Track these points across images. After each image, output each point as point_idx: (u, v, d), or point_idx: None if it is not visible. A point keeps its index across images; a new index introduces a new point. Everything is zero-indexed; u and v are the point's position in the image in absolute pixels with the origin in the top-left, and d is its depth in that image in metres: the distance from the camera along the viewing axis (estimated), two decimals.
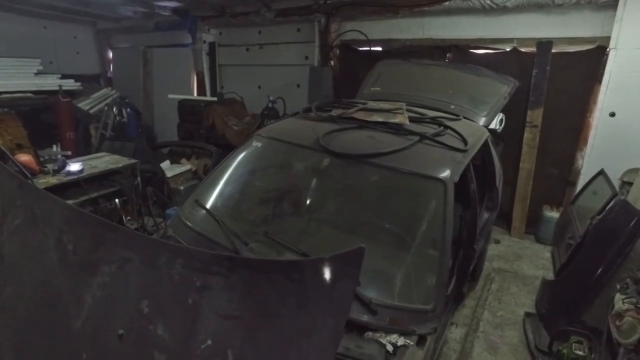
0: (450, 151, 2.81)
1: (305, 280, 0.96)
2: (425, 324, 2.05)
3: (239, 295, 0.97)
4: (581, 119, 4.94)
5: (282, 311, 0.97)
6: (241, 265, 0.98)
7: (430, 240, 2.31)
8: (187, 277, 0.98)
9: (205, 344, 0.96)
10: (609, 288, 3.40)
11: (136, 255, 1.06)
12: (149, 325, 1.01)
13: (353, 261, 0.95)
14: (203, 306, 0.98)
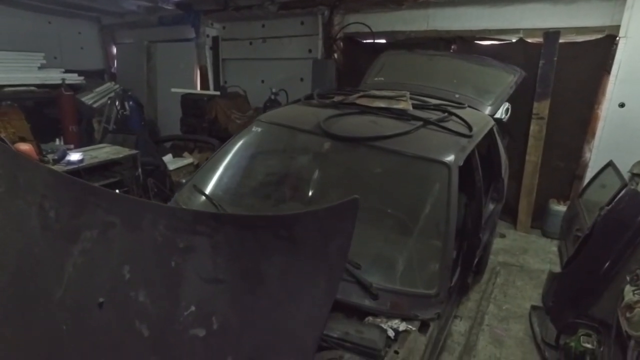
0: (454, 136, 2.73)
1: (295, 237, 0.90)
2: (428, 309, 1.98)
3: (224, 257, 0.90)
4: (589, 110, 4.83)
5: (270, 272, 0.90)
6: (227, 222, 0.92)
7: (434, 224, 2.24)
8: (170, 238, 0.92)
9: (189, 311, 0.90)
10: (618, 280, 3.30)
11: (118, 218, 1.00)
12: (130, 292, 0.95)
13: (346, 214, 0.89)
14: (186, 270, 0.92)
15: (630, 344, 2.95)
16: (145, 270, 0.96)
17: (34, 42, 7.84)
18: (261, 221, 0.96)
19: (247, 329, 0.90)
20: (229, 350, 0.90)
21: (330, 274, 0.90)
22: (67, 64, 8.26)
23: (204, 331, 0.90)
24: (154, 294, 0.94)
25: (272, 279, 0.90)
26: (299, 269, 0.91)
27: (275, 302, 0.90)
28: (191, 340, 0.91)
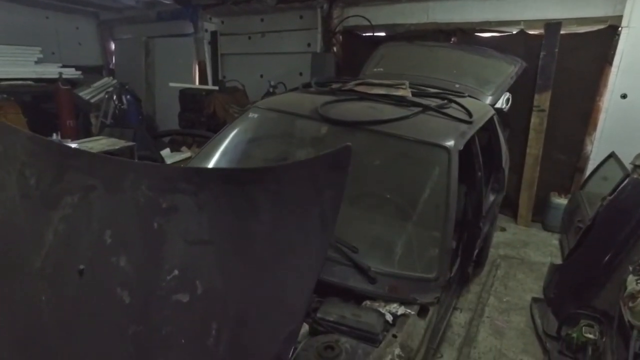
0: (454, 122, 2.69)
1: (285, 191, 0.85)
2: (428, 294, 1.92)
3: (209, 216, 0.85)
4: (591, 102, 4.78)
5: (258, 230, 0.85)
6: (212, 178, 0.87)
7: (433, 208, 2.19)
8: (152, 199, 0.87)
9: (172, 275, 0.85)
10: (620, 271, 3.25)
11: (100, 181, 0.95)
12: (112, 257, 0.90)
13: (339, 163, 0.83)
14: (170, 231, 0.86)
15: (633, 334, 2.90)
16: (127, 234, 0.91)
17: (32, 37, 7.79)
18: (249, 175, 0.91)
19: (233, 293, 0.85)
20: (214, 316, 0.85)
21: (322, 229, 0.85)
22: (65, 60, 8.21)
23: (187, 296, 0.85)
24: (136, 258, 0.89)
25: (260, 237, 0.85)
26: (289, 225, 0.86)
27: (263, 263, 0.85)
28: (174, 306, 0.85)
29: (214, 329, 0.83)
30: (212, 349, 0.84)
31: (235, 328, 0.85)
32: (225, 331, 0.84)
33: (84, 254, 0.96)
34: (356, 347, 1.67)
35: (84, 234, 0.97)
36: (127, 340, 0.88)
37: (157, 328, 0.86)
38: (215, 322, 0.84)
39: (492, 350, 3.16)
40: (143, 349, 0.87)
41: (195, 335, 0.84)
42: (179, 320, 0.86)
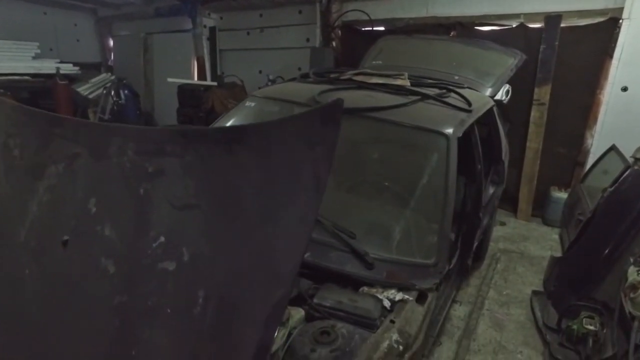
0: (453, 110, 2.65)
1: (273, 149, 0.81)
2: (427, 280, 1.89)
3: (196, 179, 0.82)
4: (591, 95, 4.75)
5: (245, 191, 0.81)
6: (198, 139, 0.83)
7: (432, 195, 2.16)
8: (138, 163, 0.84)
9: (158, 242, 0.81)
10: (621, 262, 3.21)
11: (85, 148, 0.91)
12: (96, 226, 0.87)
13: (330, 119, 0.80)
14: (156, 197, 0.83)
15: (634, 325, 2.87)
16: (112, 201, 0.88)
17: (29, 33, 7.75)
18: (236, 134, 0.87)
19: (220, 259, 0.82)
20: (200, 284, 0.81)
21: (313, 188, 0.81)
22: (63, 56, 8.17)
23: (174, 264, 0.81)
24: (121, 226, 0.86)
25: (248, 199, 0.82)
26: (278, 185, 0.83)
27: (251, 225, 0.82)
28: (160, 274, 0.82)
29: (200, 297, 0.80)
30: (198, 318, 0.80)
31: (222, 295, 0.82)
32: (212, 299, 0.81)
33: (68, 224, 0.92)
34: (353, 332, 1.63)
35: (68, 204, 0.94)
36: (111, 312, 0.85)
37: (143, 298, 0.83)
38: (202, 290, 0.80)
39: (491, 343, 3.13)
40: (128, 320, 0.84)
41: (181, 305, 0.81)
42: (165, 289, 0.82)
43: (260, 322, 0.79)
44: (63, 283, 0.91)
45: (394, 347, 1.60)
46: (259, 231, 0.81)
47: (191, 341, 0.82)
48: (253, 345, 0.79)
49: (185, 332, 0.82)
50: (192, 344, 0.81)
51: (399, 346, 1.62)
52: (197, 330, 0.81)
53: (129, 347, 0.83)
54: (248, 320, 0.81)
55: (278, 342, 1.55)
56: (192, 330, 0.81)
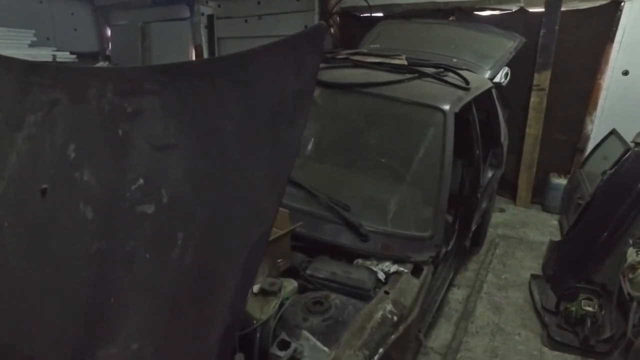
0: (451, 87, 2.62)
1: (253, 80, 0.78)
2: (422, 252, 1.86)
3: (175, 118, 0.79)
4: (591, 80, 4.70)
5: (226, 127, 0.78)
6: (178, 74, 0.80)
7: (429, 169, 2.12)
8: (117, 104, 0.80)
9: (137, 184, 0.78)
10: (620, 245, 3.19)
11: (64, 93, 0.88)
12: (75, 172, 0.84)
13: (311, 46, 0.76)
14: (135, 137, 0.80)
15: (633, 306, 2.85)
16: (91, 145, 0.85)
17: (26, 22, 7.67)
18: (216, 65, 0.84)
19: (199, 199, 0.79)
20: (179, 225, 0.78)
21: (294, 119, 0.78)
22: (60, 45, 8.09)
23: (152, 207, 0.78)
24: (100, 170, 0.83)
25: (228, 134, 0.79)
26: (259, 118, 0.79)
27: (231, 162, 0.79)
28: (139, 218, 0.79)
29: (179, 239, 0.77)
30: (177, 262, 0.78)
31: (201, 235, 0.79)
32: (192, 240, 0.78)
33: (47, 172, 0.89)
34: (346, 302, 1.61)
35: (47, 152, 0.90)
36: (90, 259, 0.82)
37: (121, 244, 0.80)
38: (181, 232, 0.77)
39: (489, 325, 3.11)
40: (106, 267, 0.81)
41: (160, 249, 0.78)
42: (144, 233, 0.80)
43: (240, 263, 0.76)
44: (42, 232, 0.88)
45: (388, 317, 1.58)
46: (239, 168, 0.78)
47: (170, 285, 0.79)
48: (233, 287, 0.77)
49: (164, 276, 0.79)
50: (171, 288, 0.79)
51: (393, 317, 1.59)
52: (176, 274, 0.78)
53: (107, 294, 0.81)
54: (228, 261, 0.78)
55: (270, 312, 1.52)
56: (171, 274, 0.78)
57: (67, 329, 0.86)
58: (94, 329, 0.83)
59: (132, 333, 0.80)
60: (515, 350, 2.89)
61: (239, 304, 0.78)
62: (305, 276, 1.72)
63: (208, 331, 0.77)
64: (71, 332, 0.85)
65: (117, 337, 0.81)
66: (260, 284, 1.59)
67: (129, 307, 0.80)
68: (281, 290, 1.57)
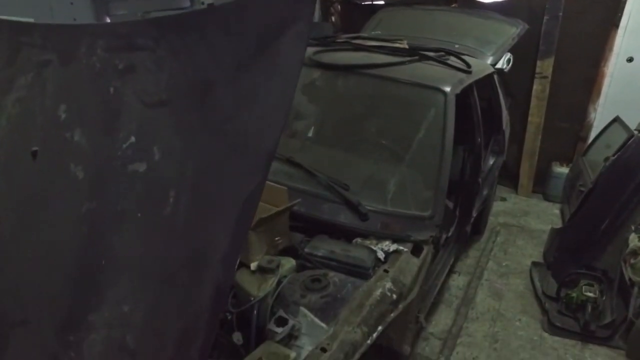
0: (452, 70, 2.59)
1: (247, 31, 0.76)
2: (422, 232, 1.84)
3: (168, 73, 0.77)
4: (595, 68, 4.64)
5: (219, 79, 0.76)
6: (170, 28, 0.78)
7: (430, 149, 2.10)
8: (108, 61, 0.78)
9: (128, 143, 0.76)
10: (623, 231, 3.17)
11: (54, 53, 0.86)
12: (66, 133, 0.82)
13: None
14: (126, 95, 0.78)
15: (634, 292, 2.84)
16: (82, 105, 0.83)
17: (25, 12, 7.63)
18: (208, 15, 0.82)
19: (192, 154, 0.77)
20: (172, 183, 0.77)
21: (289, 68, 0.76)
22: None
23: (144, 165, 0.76)
24: (91, 130, 0.81)
25: (221, 86, 0.76)
26: (252, 68, 0.77)
27: (224, 117, 0.77)
28: (130, 177, 0.77)
29: (171, 197, 0.75)
30: (169, 219, 0.76)
31: (194, 190, 0.77)
32: (183, 196, 0.76)
33: (37, 134, 0.88)
34: (345, 280, 1.60)
35: (37, 114, 0.88)
36: (80, 220, 0.81)
37: (112, 203, 0.79)
38: (172, 189, 0.76)
39: (490, 311, 3.10)
40: (97, 227, 0.80)
41: (151, 206, 0.76)
42: (135, 192, 0.78)
43: (233, 217, 0.75)
44: (33, 195, 0.86)
45: (387, 295, 1.56)
46: (232, 122, 0.76)
47: (161, 244, 0.77)
48: (226, 242, 0.75)
49: (155, 234, 0.77)
50: (163, 246, 0.77)
51: (393, 295, 1.58)
52: (167, 232, 0.77)
53: (98, 256, 0.79)
54: (220, 215, 0.76)
55: (267, 289, 1.51)
56: (162, 232, 0.77)
57: (58, 293, 0.84)
58: (85, 292, 0.81)
59: (123, 295, 0.78)
60: (515, 335, 2.88)
61: (231, 260, 0.77)
62: (304, 255, 1.70)
63: (200, 289, 0.76)
64: (62, 295, 0.84)
65: (108, 299, 0.79)
66: (258, 262, 1.58)
67: (119, 268, 0.78)
68: (279, 268, 1.56)
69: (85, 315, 0.81)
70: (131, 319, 0.78)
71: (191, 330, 0.76)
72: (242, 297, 1.54)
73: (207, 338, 0.76)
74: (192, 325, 0.76)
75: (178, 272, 0.77)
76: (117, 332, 0.79)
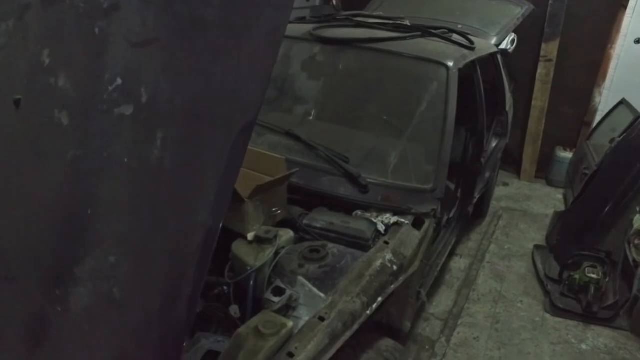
0: (455, 46, 2.53)
1: None
2: (424, 204, 1.80)
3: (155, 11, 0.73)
4: (601, 50, 4.56)
5: (208, 17, 0.72)
6: None
7: (432, 122, 2.06)
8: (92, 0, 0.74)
9: (114, 85, 0.73)
10: (628, 213, 3.13)
11: None
12: (50, 78, 0.78)
13: None
14: (112, 35, 0.74)
15: (637, 273, 2.81)
16: (66, 48, 0.79)
17: None
18: None
19: (180, 94, 0.73)
20: (159, 124, 0.73)
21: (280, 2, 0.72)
22: None
23: (131, 108, 0.73)
24: (76, 73, 0.77)
25: (211, 24, 0.72)
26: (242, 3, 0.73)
27: (214, 52, 0.73)
28: (116, 120, 0.74)
29: (159, 139, 0.72)
30: (156, 163, 0.72)
31: (182, 132, 0.74)
32: (172, 138, 0.73)
33: (21, 82, 0.84)
34: (344, 251, 1.57)
35: (20, 61, 0.84)
36: (65, 168, 0.77)
37: (98, 149, 0.75)
38: (160, 131, 0.72)
39: (491, 292, 3.08)
40: (83, 175, 0.76)
41: (138, 151, 0.73)
42: (122, 137, 0.74)
43: (223, 158, 0.71)
44: (16, 145, 0.82)
45: (388, 266, 1.53)
46: (222, 58, 0.72)
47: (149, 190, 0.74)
48: (215, 185, 0.72)
49: (143, 180, 0.74)
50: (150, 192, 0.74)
51: (393, 266, 1.55)
52: (155, 177, 0.73)
53: (84, 205, 0.76)
54: (209, 157, 0.73)
55: (265, 259, 1.48)
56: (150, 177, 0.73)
57: (43, 246, 0.81)
58: (70, 244, 0.78)
59: (110, 245, 0.75)
60: (517, 316, 2.86)
61: (221, 206, 0.73)
62: (302, 226, 1.67)
63: (188, 237, 0.73)
64: (47, 248, 0.81)
65: (94, 250, 0.76)
66: (256, 232, 1.54)
67: (106, 217, 0.75)
68: (277, 239, 1.53)
69: (71, 268, 0.78)
70: (118, 270, 0.75)
71: (179, 280, 0.73)
72: (239, 268, 1.51)
73: (196, 288, 0.74)
74: (180, 274, 0.73)
75: (166, 218, 0.74)
76: (104, 284, 0.76)
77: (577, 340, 2.68)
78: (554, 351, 2.58)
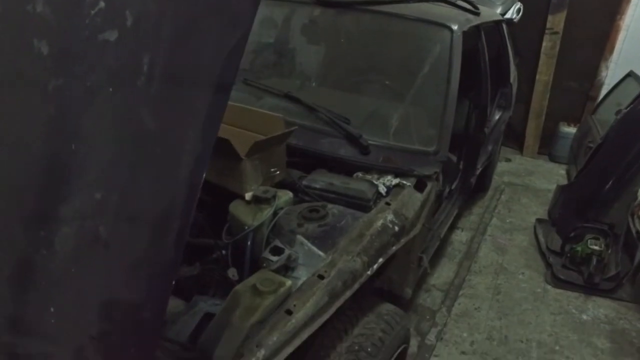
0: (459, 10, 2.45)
1: None
2: (426, 167, 1.75)
3: None
4: (610, 22, 4.44)
5: None
6: None
7: (435, 85, 1.99)
8: None
9: (96, 9, 0.67)
10: (632, 185, 3.08)
11: None
12: (27, 5, 0.72)
13: None
14: None
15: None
16: None
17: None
18: None
19: (167, 13, 0.68)
20: (145, 48, 0.68)
21: None
22: None
23: (115, 33, 0.68)
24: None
25: None
26: None
27: None
28: (100, 47, 0.69)
29: (145, 64, 0.67)
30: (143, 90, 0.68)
31: (169, 54, 0.69)
32: (159, 61, 0.68)
33: None
34: (344, 211, 1.53)
35: None
36: (46, 100, 0.72)
37: (81, 79, 0.70)
38: (147, 55, 0.67)
39: (493, 265, 3.06)
40: (65, 106, 0.71)
41: (124, 79, 0.68)
42: (106, 65, 0.69)
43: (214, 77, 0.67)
44: None
45: (389, 227, 1.49)
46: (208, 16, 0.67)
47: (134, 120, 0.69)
48: (202, 115, 0.67)
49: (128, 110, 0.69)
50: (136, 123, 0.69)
51: (395, 227, 1.51)
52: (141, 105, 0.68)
53: (67, 139, 0.71)
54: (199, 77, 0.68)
55: (262, 218, 1.44)
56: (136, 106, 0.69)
57: (25, 185, 0.77)
58: (54, 182, 0.74)
59: (95, 181, 0.71)
60: (518, 287, 2.84)
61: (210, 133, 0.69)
62: (301, 188, 1.63)
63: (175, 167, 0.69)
64: (30, 187, 0.76)
65: (79, 187, 0.72)
66: (253, 192, 1.50)
67: (90, 151, 0.71)
68: (275, 199, 1.49)
69: (55, 207, 0.73)
70: (104, 207, 0.71)
71: (167, 214, 0.70)
72: (237, 228, 1.48)
73: (184, 222, 0.70)
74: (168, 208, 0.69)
75: (152, 150, 0.69)
76: (90, 223, 0.72)
77: (578, 310, 2.68)
78: (554, 321, 2.57)
